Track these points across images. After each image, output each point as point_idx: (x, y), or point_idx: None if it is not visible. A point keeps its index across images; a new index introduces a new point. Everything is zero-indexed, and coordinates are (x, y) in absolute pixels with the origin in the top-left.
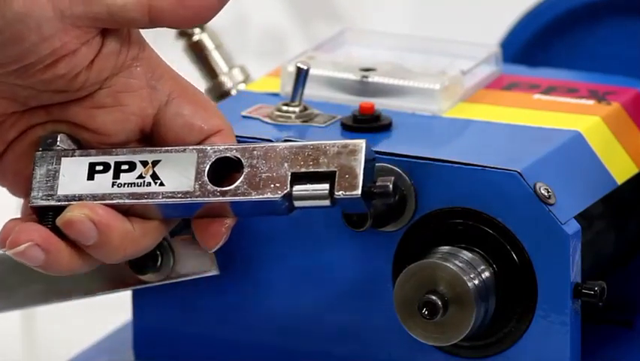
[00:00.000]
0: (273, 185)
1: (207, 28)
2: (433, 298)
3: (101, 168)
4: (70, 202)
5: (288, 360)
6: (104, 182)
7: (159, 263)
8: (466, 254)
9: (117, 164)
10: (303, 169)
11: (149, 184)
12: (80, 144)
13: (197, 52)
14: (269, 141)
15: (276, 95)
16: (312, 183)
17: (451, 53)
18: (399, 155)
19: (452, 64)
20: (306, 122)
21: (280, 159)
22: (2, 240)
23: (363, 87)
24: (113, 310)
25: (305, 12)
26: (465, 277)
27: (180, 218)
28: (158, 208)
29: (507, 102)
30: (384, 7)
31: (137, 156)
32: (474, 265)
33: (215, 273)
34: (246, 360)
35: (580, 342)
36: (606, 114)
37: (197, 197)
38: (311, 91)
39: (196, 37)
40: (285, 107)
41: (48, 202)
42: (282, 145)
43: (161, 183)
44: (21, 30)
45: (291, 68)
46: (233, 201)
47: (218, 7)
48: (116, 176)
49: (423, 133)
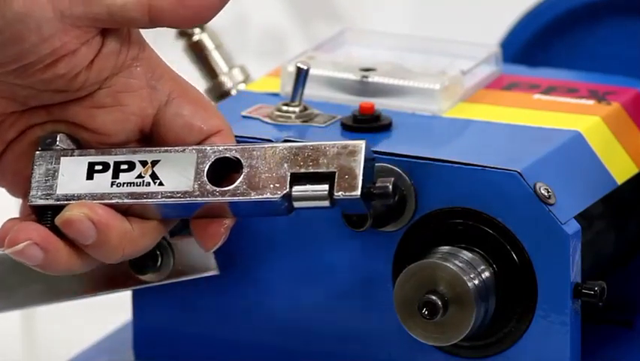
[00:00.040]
0: (272, 185)
1: (207, 28)
2: (433, 298)
3: (100, 167)
4: (69, 201)
5: (288, 360)
6: (103, 182)
7: (159, 263)
8: (466, 254)
9: (116, 164)
10: (303, 170)
11: (149, 184)
12: (80, 144)
13: (197, 52)
14: (269, 141)
15: (276, 95)
16: (312, 184)
17: (451, 53)
18: (399, 155)
19: (452, 64)
20: (306, 122)
21: (280, 160)
22: (1, 239)
23: (363, 87)
24: (113, 310)
25: (305, 12)
26: (465, 277)
27: (179, 218)
28: (157, 208)
29: (507, 102)
30: (384, 7)
31: (136, 155)
32: (474, 265)
33: (215, 273)
34: (246, 360)
35: (580, 342)
36: (606, 114)
37: (196, 197)
38: (311, 91)
39: (196, 37)
40: (285, 107)
41: (47, 201)
42: (281, 145)
43: (161, 183)
44: (21, 30)
45: (291, 68)
46: (233, 201)
47: (219, 7)
48: (115, 176)
49: (423, 133)
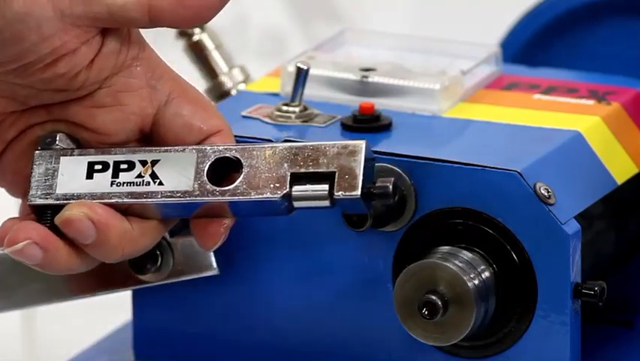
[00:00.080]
0: (272, 185)
1: (207, 28)
2: (433, 298)
3: (100, 167)
4: (68, 201)
5: (287, 360)
6: (102, 181)
7: (159, 263)
8: (466, 254)
9: (116, 163)
10: (303, 170)
11: (148, 183)
12: (79, 144)
13: (197, 52)
14: (269, 141)
15: (276, 95)
16: (312, 184)
17: (451, 53)
18: (399, 155)
19: (452, 64)
20: (306, 122)
21: (280, 160)
22: (0, 238)
23: (363, 87)
24: (113, 310)
25: (305, 12)
26: (465, 277)
27: (179, 218)
28: (157, 208)
29: (507, 102)
30: (384, 7)
31: (136, 155)
32: (474, 265)
33: (215, 273)
34: (246, 360)
35: (580, 342)
36: (606, 114)
37: (196, 196)
38: (311, 91)
39: (196, 37)
40: (285, 107)
41: (46, 201)
42: (281, 145)
43: (160, 183)
44: (21, 29)
45: (291, 68)
46: (233, 200)
47: (219, 7)
48: (115, 175)
49: (423, 133)
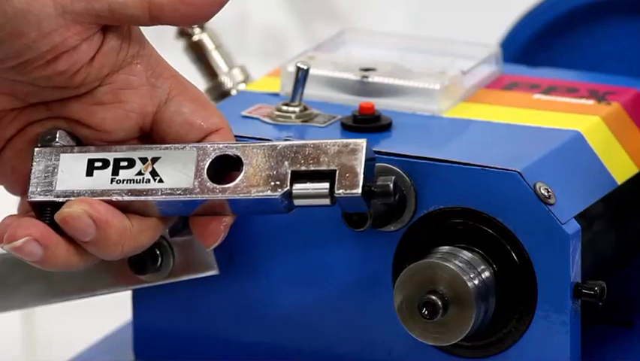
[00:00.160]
0: (272, 183)
1: (207, 28)
2: (433, 298)
3: (100, 164)
4: (68, 198)
5: (287, 359)
6: (102, 178)
7: (159, 263)
8: (466, 254)
9: (116, 160)
10: (304, 168)
11: (149, 181)
12: (79, 142)
13: (198, 52)
14: (269, 140)
15: (276, 95)
16: (312, 182)
17: (451, 53)
18: (399, 155)
19: (452, 64)
20: (306, 122)
21: (280, 158)
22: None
23: (363, 87)
24: (113, 310)
25: (305, 12)
26: (465, 277)
27: (179, 216)
28: (157, 205)
29: (507, 102)
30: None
31: (136, 152)
32: (474, 265)
33: (215, 273)
34: (246, 360)
35: (580, 342)
36: (606, 114)
37: (196, 194)
38: (311, 91)
39: (196, 37)
40: (285, 107)
41: (46, 198)
42: (282, 143)
43: (161, 180)
44: (21, 26)
45: (291, 68)
46: (233, 198)
47: (220, 5)
48: (115, 172)
49: (423, 133)
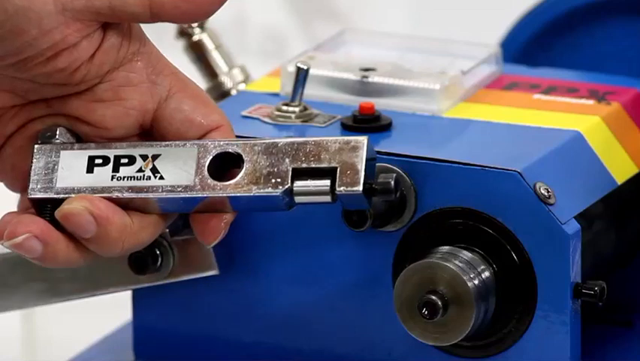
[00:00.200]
0: (273, 180)
1: (207, 28)
2: (433, 298)
3: (100, 161)
4: (68, 195)
5: (287, 359)
6: (103, 175)
7: (159, 263)
8: (466, 254)
9: (117, 157)
10: (305, 165)
11: (149, 178)
12: (79, 139)
13: (197, 52)
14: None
15: (276, 95)
16: (313, 179)
17: (451, 53)
18: (399, 155)
19: (452, 64)
20: (306, 122)
21: (281, 155)
22: (0, 232)
23: (363, 87)
24: (113, 310)
25: (305, 12)
26: (465, 277)
27: (179, 213)
28: (158, 202)
29: (507, 102)
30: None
31: (136, 149)
32: (474, 265)
33: (215, 273)
34: (246, 360)
35: (580, 342)
36: (606, 114)
37: (197, 191)
38: (311, 91)
39: (196, 37)
40: (285, 107)
41: (46, 195)
42: (283, 140)
43: (161, 177)
44: (22, 23)
45: (291, 68)
46: (234, 195)
47: (220, 2)
48: (115, 169)
49: (423, 133)
